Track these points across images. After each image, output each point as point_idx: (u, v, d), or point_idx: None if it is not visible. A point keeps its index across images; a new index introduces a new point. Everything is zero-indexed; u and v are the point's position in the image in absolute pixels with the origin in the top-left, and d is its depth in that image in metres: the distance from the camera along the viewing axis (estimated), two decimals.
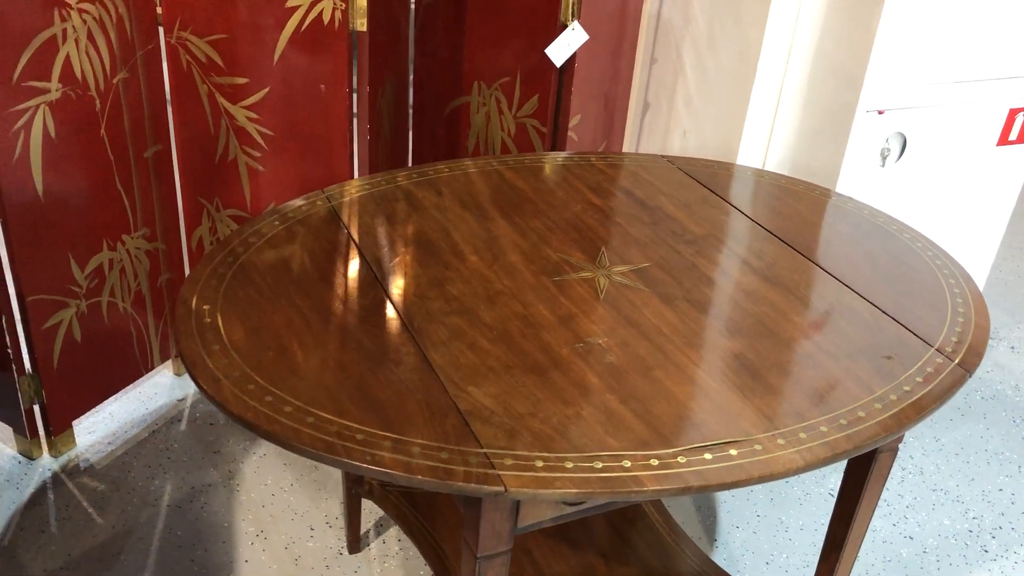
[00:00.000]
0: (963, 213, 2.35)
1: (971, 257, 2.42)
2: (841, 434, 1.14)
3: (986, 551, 2.03)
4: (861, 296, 1.43)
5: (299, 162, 2.09)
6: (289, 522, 1.96)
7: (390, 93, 2.15)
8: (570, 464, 1.05)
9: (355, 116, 2.04)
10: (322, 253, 1.45)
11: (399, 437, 1.07)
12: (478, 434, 1.08)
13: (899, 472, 2.23)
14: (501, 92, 2.18)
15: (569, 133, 2.16)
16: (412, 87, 2.33)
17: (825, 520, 2.07)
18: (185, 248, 2.27)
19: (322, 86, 1.98)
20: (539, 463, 1.05)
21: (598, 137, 2.37)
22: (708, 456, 1.08)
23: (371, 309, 1.31)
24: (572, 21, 2.01)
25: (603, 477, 1.04)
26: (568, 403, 1.15)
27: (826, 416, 1.17)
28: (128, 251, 2.08)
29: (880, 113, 2.07)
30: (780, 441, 1.12)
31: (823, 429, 1.14)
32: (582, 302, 1.36)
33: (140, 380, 2.32)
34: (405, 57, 2.25)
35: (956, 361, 1.29)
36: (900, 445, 2.29)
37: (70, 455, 2.10)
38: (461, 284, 1.38)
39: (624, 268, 1.46)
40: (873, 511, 1.48)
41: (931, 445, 2.34)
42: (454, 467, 1.03)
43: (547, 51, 2.04)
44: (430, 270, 1.41)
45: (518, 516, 1.12)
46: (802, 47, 2.14)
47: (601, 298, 1.38)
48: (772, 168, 2.26)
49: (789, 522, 2.07)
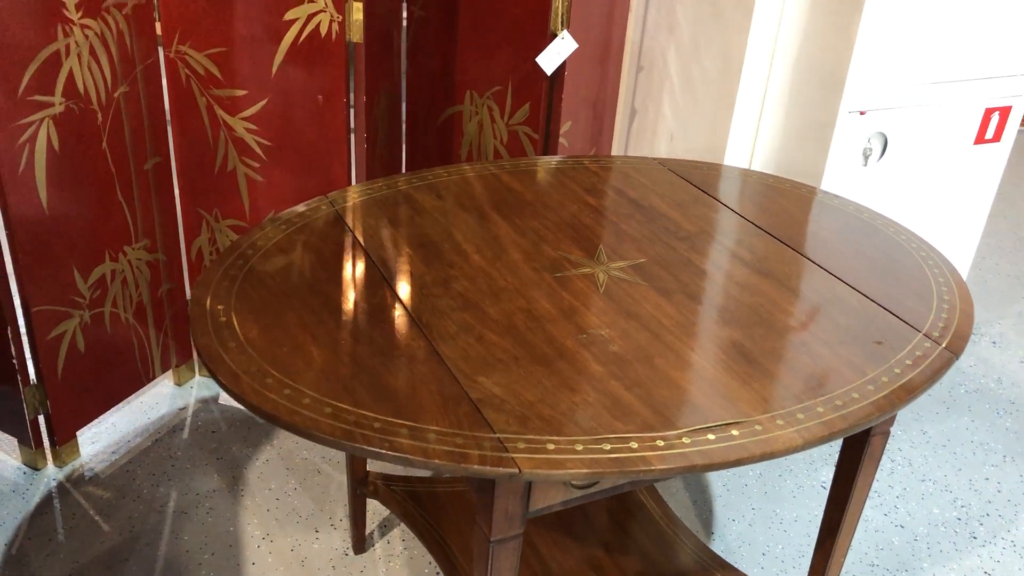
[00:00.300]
0: (944, 211, 2.42)
1: (952, 254, 2.49)
2: (836, 414, 1.19)
3: (975, 537, 2.09)
4: (850, 286, 1.49)
5: (297, 172, 2.13)
6: (294, 525, 1.99)
7: (385, 103, 2.20)
8: (580, 447, 1.10)
9: (352, 126, 2.08)
10: (329, 255, 1.49)
11: (415, 424, 1.11)
12: (491, 421, 1.12)
13: (889, 464, 2.29)
14: (493, 101, 2.23)
15: (560, 139, 2.21)
16: (405, 97, 2.37)
17: (818, 512, 2.13)
18: (184, 258, 2.30)
19: (320, 97, 2.02)
20: (550, 446, 1.09)
21: (588, 143, 2.43)
22: (711, 436, 1.13)
23: (380, 306, 1.35)
24: (562, 30, 2.07)
25: (612, 458, 1.08)
26: (575, 390, 1.19)
27: (822, 398, 1.22)
28: (129, 262, 2.11)
29: (862, 114, 2.13)
30: (779, 422, 1.17)
31: (819, 410, 1.19)
32: (583, 296, 1.41)
33: (141, 390, 2.34)
34: (398, 68, 2.30)
35: (943, 345, 1.35)
36: (890, 439, 2.35)
37: (74, 465, 2.12)
38: (466, 282, 1.43)
39: (622, 264, 1.51)
40: (867, 495, 1.53)
41: (919, 437, 2.39)
42: (469, 451, 1.07)
43: (538, 60, 2.09)
44: (435, 269, 1.46)
45: (529, 500, 1.16)
46: (785, 51, 2.20)
47: (601, 292, 1.42)
48: (758, 169, 2.32)
49: (783, 514, 2.12)
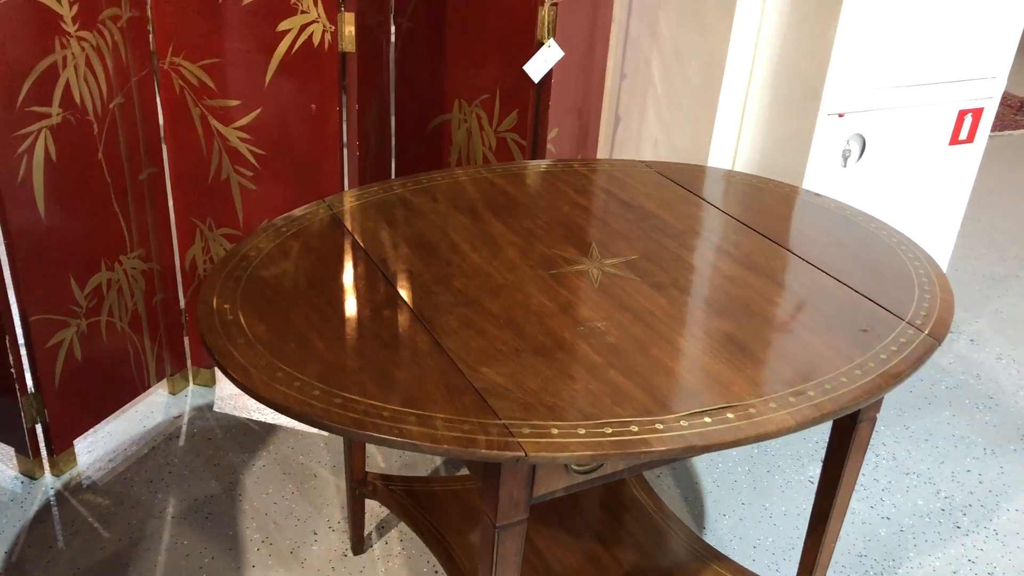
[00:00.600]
0: (922, 210, 2.49)
1: (930, 252, 2.56)
2: (826, 397, 1.24)
3: (958, 527, 2.14)
4: (835, 278, 1.54)
5: (290, 181, 2.16)
6: (293, 528, 2.02)
7: (375, 112, 2.24)
8: (583, 431, 1.14)
9: (345, 135, 2.12)
10: (330, 256, 1.52)
11: (422, 413, 1.15)
12: (495, 408, 1.16)
13: (873, 458, 2.34)
14: (482, 109, 2.28)
15: (548, 146, 2.26)
16: (394, 107, 2.42)
17: (806, 506, 2.17)
18: (178, 267, 2.33)
19: (313, 106, 2.06)
20: (554, 431, 1.13)
21: (574, 149, 2.48)
22: (708, 419, 1.17)
23: (383, 303, 1.39)
24: (548, 39, 2.12)
25: (614, 441, 1.12)
26: (575, 379, 1.24)
27: (812, 383, 1.27)
28: (125, 271, 2.14)
29: (840, 116, 2.20)
30: (772, 405, 1.21)
31: (810, 394, 1.24)
32: (579, 291, 1.45)
33: (136, 399, 2.36)
34: (387, 78, 2.34)
35: (926, 332, 1.40)
36: (874, 435, 2.41)
37: (72, 473, 2.13)
38: (464, 279, 1.47)
39: (615, 260, 1.56)
40: (855, 481, 1.58)
41: (902, 432, 2.45)
42: (476, 436, 1.11)
43: (525, 68, 2.14)
44: (434, 267, 1.50)
45: (533, 485, 1.20)
46: (765, 58, 2.27)
47: (596, 287, 1.47)
48: (740, 171, 2.38)
49: (773, 508, 2.17)
